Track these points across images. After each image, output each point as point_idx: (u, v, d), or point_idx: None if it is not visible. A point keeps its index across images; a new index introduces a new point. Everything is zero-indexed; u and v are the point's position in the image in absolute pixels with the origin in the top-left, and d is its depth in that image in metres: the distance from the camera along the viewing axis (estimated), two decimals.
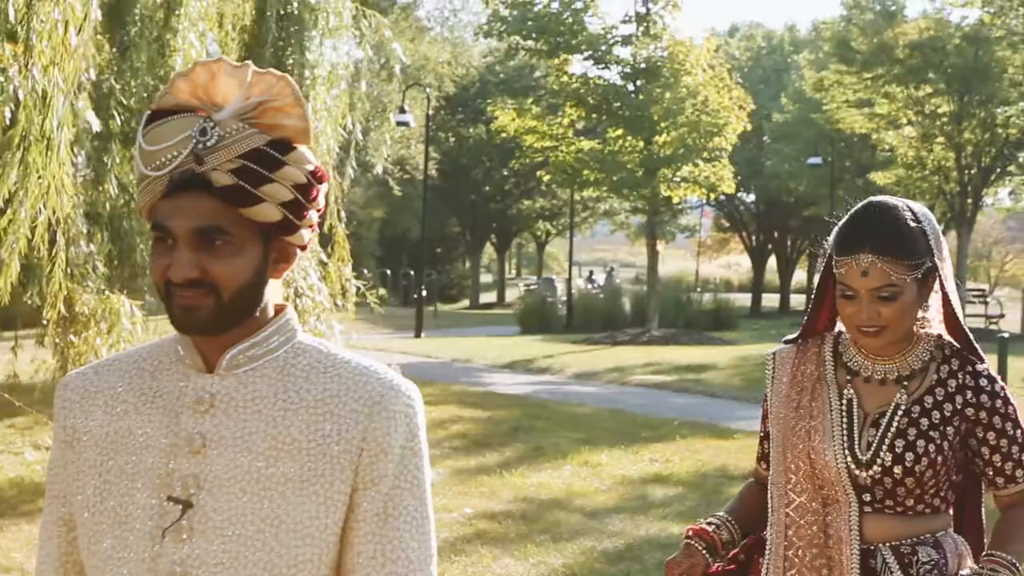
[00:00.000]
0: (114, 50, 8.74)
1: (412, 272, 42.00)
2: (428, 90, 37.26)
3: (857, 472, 2.89)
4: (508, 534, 9.08)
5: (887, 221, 2.86)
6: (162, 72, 8.30)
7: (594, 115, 31.03)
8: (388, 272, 47.52)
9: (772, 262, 52.54)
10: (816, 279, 3.13)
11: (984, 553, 2.94)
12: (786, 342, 3.15)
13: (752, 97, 31.48)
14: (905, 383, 2.94)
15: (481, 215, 54.87)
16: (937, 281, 2.96)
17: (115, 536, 1.95)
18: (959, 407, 2.92)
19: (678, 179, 29.61)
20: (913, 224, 2.87)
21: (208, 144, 1.85)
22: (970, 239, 34.77)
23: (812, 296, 3.12)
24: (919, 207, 2.96)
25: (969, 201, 32.40)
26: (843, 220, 2.95)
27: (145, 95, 8.71)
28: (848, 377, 3.00)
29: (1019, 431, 2.96)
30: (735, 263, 74.15)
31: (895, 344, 2.94)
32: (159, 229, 1.90)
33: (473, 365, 23.19)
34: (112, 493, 1.96)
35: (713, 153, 29.69)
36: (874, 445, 2.89)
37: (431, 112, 37.62)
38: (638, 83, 30.22)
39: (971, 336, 2.98)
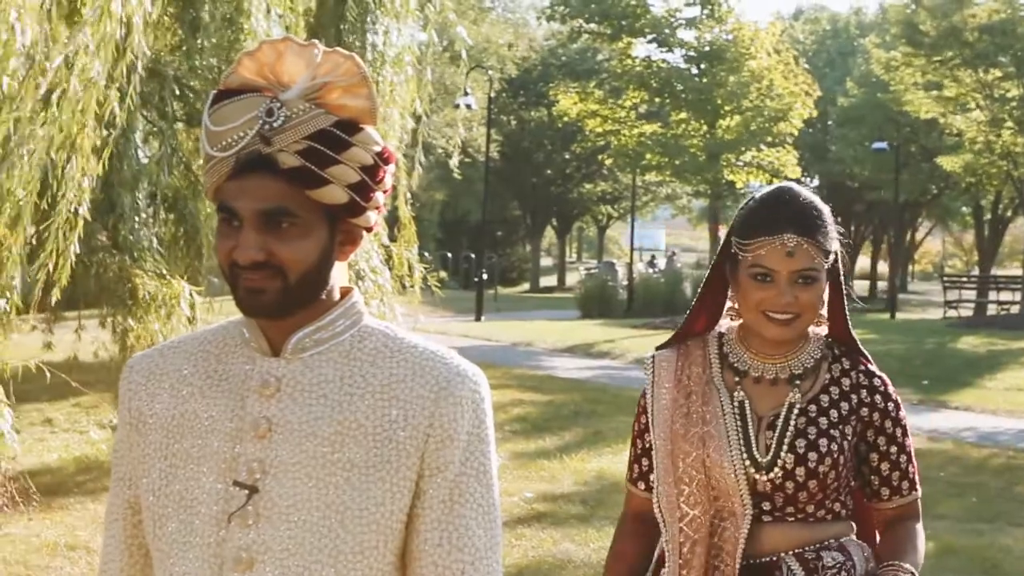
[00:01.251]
0: (182, 32, 8.78)
1: (473, 255, 42.04)
2: (490, 73, 37.23)
3: (757, 477, 2.70)
4: (568, 518, 9.07)
5: (808, 204, 2.72)
6: (230, 54, 8.33)
7: (657, 99, 30.89)
8: (449, 255, 47.60)
9: None
10: (732, 280, 2.85)
11: (883, 564, 2.75)
12: (661, 347, 2.94)
13: (817, 81, 31.17)
14: (797, 382, 2.77)
15: (542, 198, 54.78)
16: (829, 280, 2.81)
17: (180, 520, 1.94)
18: (855, 406, 2.77)
19: (741, 163, 29.41)
20: (826, 212, 2.75)
21: (275, 125, 1.83)
22: None
23: (696, 298, 2.93)
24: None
25: None
26: (753, 204, 2.78)
27: (211, 76, 8.74)
28: (736, 379, 2.80)
29: (908, 440, 2.83)
30: None
31: (794, 341, 2.77)
32: (225, 211, 1.88)
33: (533, 349, 23.17)
34: (178, 477, 1.95)
35: (777, 138, 29.45)
36: (773, 447, 2.71)
37: (493, 95, 37.61)
38: (702, 67, 30.04)
39: (858, 340, 2.85)
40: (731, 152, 29.09)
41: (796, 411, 2.73)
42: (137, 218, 8.85)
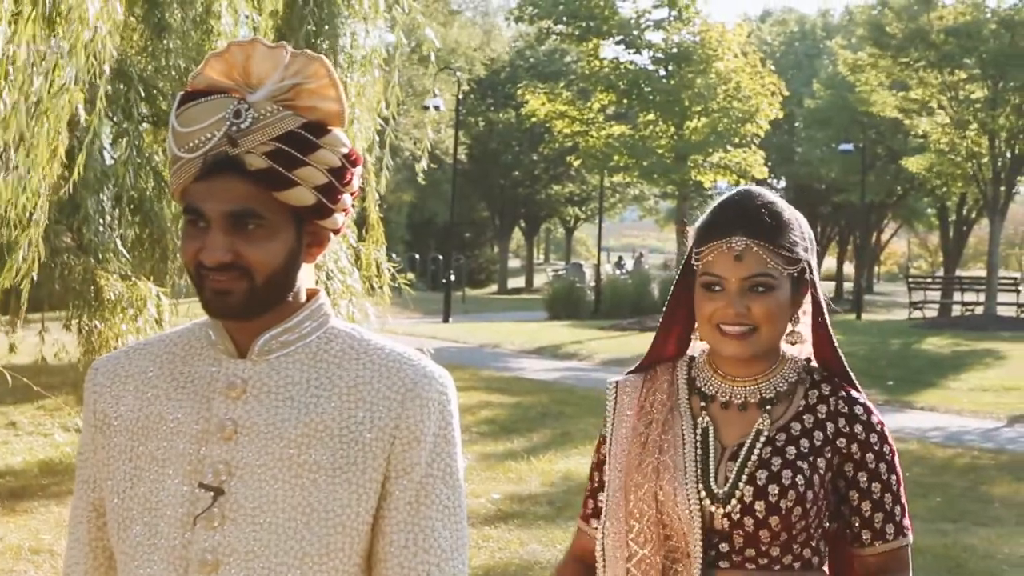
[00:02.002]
0: (147, 31, 8.74)
1: (440, 256, 42.03)
2: (458, 74, 37.19)
3: (712, 510, 2.41)
4: (535, 519, 9.08)
5: (763, 205, 2.45)
6: (197, 55, 8.29)
7: (625, 100, 30.95)
8: (416, 256, 47.54)
9: None
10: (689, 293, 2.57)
11: None
12: (630, 373, 2.68)
13: (784, 83, 31.32)
14: (768, 407, 2.47)
15: (510, 200, 54.85)
16: (809, 295, 2.54)
17: (145, 523, 1.93)
18: (830, 436, 2.45)
19: (708, 165, 29.53)
20: (790, 216, 2.47)
21: (242, 126, 1.83)
22: (1002, 226, 34.47)
23: (661, 320, 2.66)
24: (796, 211, 2.55)
25: (1002, 188, 32.12)
26: (710, 208, 2.53)
27: (178, 77, 8.70)
28: (703, 404, 2.52)
29: (895, 477, 2.50)
30: None
31: (760, 360, 2.48)
32: (192, 212, 1.87)
33: (501, 350, 23.18)
34: (143, 479, 1.94)
35: (744, 139, 29.58)
36: (731, 478, 2.42)
37: (461, 96, 37.58)
38: (669, 68, 30.11)
39: (846, 363, 2.55)
40: (699, 153, 29.20)
41: (763, 439, 2.45)
42: (102, 220, 8.79)
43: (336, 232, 2.01)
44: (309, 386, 1.94)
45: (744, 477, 2.41)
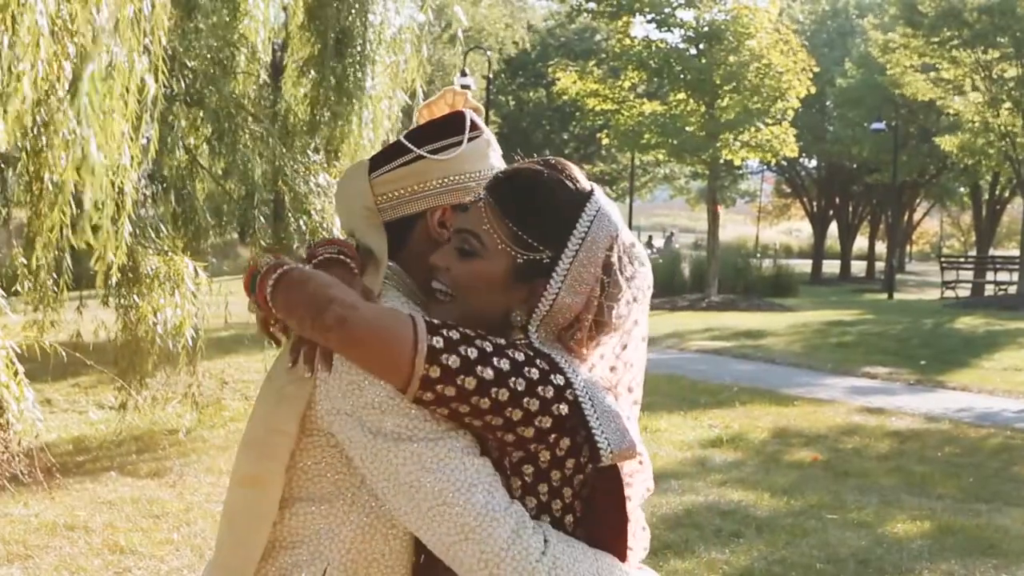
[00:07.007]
0: (178, 11, 8.76)
1: None
2: (488, 53, 37.12)
3: None
4: None
5: (524, 184, 2.22)
6: (224, 33, 8.30)
7: (656, 79, 30.81)
8: None
9: (833, 228, 52.07)
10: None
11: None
12: None
13: (816, 61, 31.11)
14: None
15: None
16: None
17: None
18: None
19: (739, 143, 29.37)
20: (556, 208, 2.24)
21: None
22: None
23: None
24: (606, 204, 2.33)
25: None
26: None
27: (209, 56, 8.71)
28: None
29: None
30: (796, 229, 73.62)
31: None
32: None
33: None
34: None
35: (775, 117, 29.40)
36: None
37: (491, 75, 37.51)
38: (701, 47, 29.95)
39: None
40: (729, 131, 29.06)
41: None
42: (137, 197, 8.85)
43: None
44: None
45: None
